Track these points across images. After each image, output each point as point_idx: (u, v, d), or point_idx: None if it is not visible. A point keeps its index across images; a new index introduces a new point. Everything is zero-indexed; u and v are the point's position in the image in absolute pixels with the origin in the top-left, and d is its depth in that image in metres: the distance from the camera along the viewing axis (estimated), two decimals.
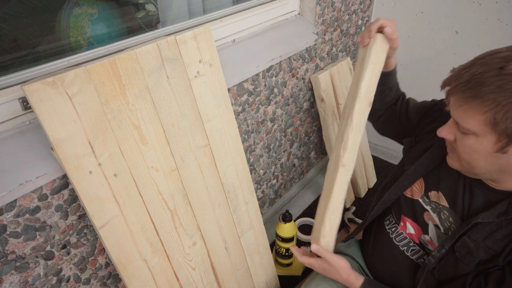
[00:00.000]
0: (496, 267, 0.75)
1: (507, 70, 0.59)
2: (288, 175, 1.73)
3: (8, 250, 0.75)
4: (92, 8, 1.01)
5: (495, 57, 0.62)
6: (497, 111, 0.59)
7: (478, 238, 0.75)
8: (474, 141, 0.66)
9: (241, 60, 1.16)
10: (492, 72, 0.60)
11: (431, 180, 0.86)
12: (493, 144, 0.64)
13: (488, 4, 1.44)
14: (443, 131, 0.72)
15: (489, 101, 0.60)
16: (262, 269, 1.26)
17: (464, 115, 0.64)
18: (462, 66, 0.66)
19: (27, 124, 0.77)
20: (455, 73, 0.66)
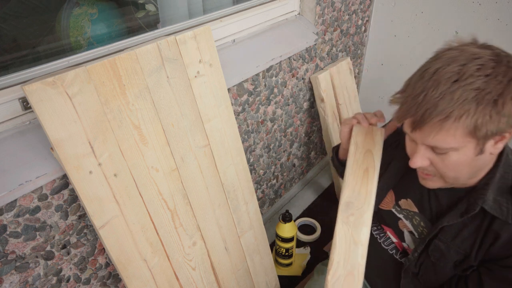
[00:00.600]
0: (472, 267, 0.76)
1: (462, 81, 0.58)
2: (288, 175, 1.73)
3: (8, 250, 0.75)
4: (92, 8, 1.01)
5: (441, 74, 0.60)
6: (475, 120, 0.59)
7: (447, 239, 0.77)
8: (455, 156, 0.65)
9: (241, 60, 1.16)
10: (451, 88, 0.59)
11: (400, 190, 0.89)
12: (474, 149, 0.64)
13: (488, 4, 1.44)
14: (417, 162, 0.69)
15: (464, 115, 0.59)
16: (262, 269, 1.26)
17: (442, 137, 0.63)
18: (412, 94, 0.63)
19: (27, 124, 0.77)
20: (409, 104, 0.63)
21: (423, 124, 0.62)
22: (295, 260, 1.51)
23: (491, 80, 0.58)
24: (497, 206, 0.70)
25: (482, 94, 0.58)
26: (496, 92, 0.58)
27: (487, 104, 0.58)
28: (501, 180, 0.71)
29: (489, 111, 0.58)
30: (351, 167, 0.82)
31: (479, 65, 0.59)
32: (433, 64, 0.63)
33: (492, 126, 0.59)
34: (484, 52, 0.62)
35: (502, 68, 0.59)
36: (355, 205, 0.78)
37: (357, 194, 0.79)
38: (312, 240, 1.62)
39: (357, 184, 0.80)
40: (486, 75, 0.58)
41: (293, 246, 1.43)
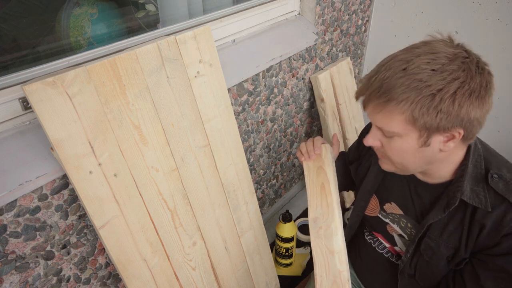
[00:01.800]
0: (465, 260, 0.78)
1: (409, 70, 0.62)
2: (288, 175, 1.73)
3: (8, 250, 0.75)
4: (92, 8, 1.01)
5: (396, 60, 0.65)
6: (413, 108, 0.62)
7: (436, 236, 0.79)
8: (400, 142, 0.69)
9: (241, 60, 1.16)
10: (398, 74, 0.63)
11: (382, 194, 0.91)
12: (417, 140, 0.67)
13: (488, 4, 1.44)
14: (369, 140, 0.74)
15: (403, 101, 0.63)
16: (262, 269, 1.26)
17: (385, 119, 0.67)
18: (369, 75, 0.68)
19: (27, 124, 0.77)
20: (364, 82, 0.68)
21: (369, 102, 0.67)
22: (295, 260, 1.51)
23: (435, 75, 0.61)
24: (474, 196, 0.72)
25: (422, 85, 0.61)
26: (436, 87, 0.61)
27: (425, 96, 0.61)
28: (474, 170, 0.73)
29: (426, 104, 0.62)
30: (309, 187, 0.91)
31: (431, 59, 0.63)
32: (397, 52, 0.68)
33: (429, 119, 0.63)
34: (445, 49, 0.64)
35: (452, 66, 0.62)
36: (321, 219, 0.86)
37: (320, 209, 0.87)
38: None
39: (318, 200, 0.88)
40: (432, 70, 0.62)
41: (293, 246, 1.43)
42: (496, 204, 0.71)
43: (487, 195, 0.71)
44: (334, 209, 0.86)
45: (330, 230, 0.84)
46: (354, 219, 0.99)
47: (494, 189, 0.71)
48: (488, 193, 0.72)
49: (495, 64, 1.70)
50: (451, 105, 0.62)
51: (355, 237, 1.05)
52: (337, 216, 0.85)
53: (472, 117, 0.63)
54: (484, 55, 0.68)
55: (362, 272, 1.03)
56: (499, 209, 0.70)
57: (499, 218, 0.70)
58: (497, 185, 0.71)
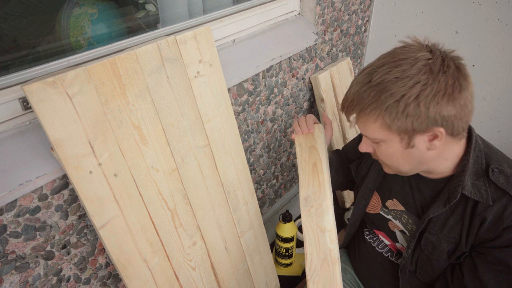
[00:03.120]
0: (464, 254, 0.78)
1: (373, 81, 0.66)
2: (288, 175, 1.73)
3: (8, 250, 0.75)
4: (92, 8, 1.01)
5: (363, 74, 0.69)
6: (383, 116, 0.66)
7: (436, 231, 0.79)
8: (385, 146, 0.72)
9: (241, 60, 1.16)
10: (364, 87, 0.67)
11: (384, 191, 0.92)
12: (400, 143, 0.70)
13: (488, 4, 1.44)
14: (362, 147, 0.78)
15: (372, 111, 0.67)
16: (262, 269, 1.26)
17: (365, 127, 0.71)
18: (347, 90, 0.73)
19: (27, 124, 0.77)
20: (343, 98, 0.74)
21: (348, 114, 0.72)
22: (295, 260, 1.51)
23: (397, 82, 0.64)
24: (476, 190, 0.73)
25: (385, 95, 0.65)
26: (398, 94, 0.64)
27: (390, 104, 0.65)
28: (475, 165, 0.75)
29: (393, 110, 0.65)
30: (301, 165, 0.90)
31: (392, 67, 0.66)
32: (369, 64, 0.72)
33: (401, 123, 0.65)
34: (407, 55, 0.66)
35: (412, 71, 0.64)
36: (312, 198, 0.86)
37: (311, 188, 0.87)
38: None
39: (310, 179, 0.88)
40: (395, 77, 0.64)
41: (293, 246, 1.43)
42: (497, 198, 0.71)
43: (488, 189, 0.72)
44: (326, 188, 0.86)
45: (322, 208, 0.84)
46: (355, 217, 0.99)
47: (495, 183, 0.72)
48: (489, 187, 0.72)
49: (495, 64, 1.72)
50: (417, 108, 0.64)
51: (354, 236, 1.05)
52: (329, 195, 0.85)
53: (446, 115, 0.65)
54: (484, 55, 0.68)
55: (362, 271, 1.03)
56: (500, 203, 0.71)
57: (499, 211, 0.71)
58: (498, 179, 0.72)
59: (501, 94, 1.54)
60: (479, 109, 1.62)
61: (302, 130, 0.97)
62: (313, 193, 0.86)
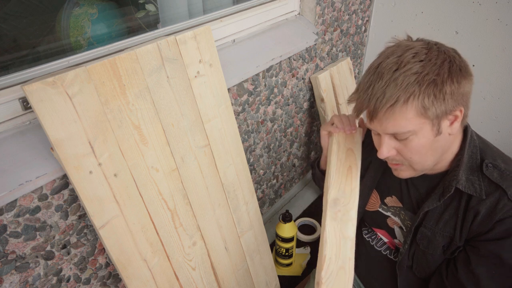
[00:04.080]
0: (459, 249, 0.79)
1: (401, 68, 0.66)
2: (288, 175, 1.73)
3: (8, 250, 0.75)
4: (92, 8, 1.01)
5: (382, 67, 0.68)
6: (421, 99, 0.65)
7: (431, 225, 0.80)
8: (416, 139, 0.70)
9: (241, 60, 1.16)
10: (393, 76, 0.66)
11: (383, 188, 0.92)
12: (431, 131, 0.69)
13: (488, 4, 1.44)
14: (383, 153, 0.73)
15: (411, 97, 0.65)
16: (262, 269, 1.26)
17: (398, 122, 0.68)
18: (362, 89, 0.70)
19: (27, 124, 0.77)
20: (363, 97, 0.70)
21: (377, 112, 0.68)
22: (295, 260, 1.51)
23: (426, 64, 0.65)
24: (470, 184, 0.75)
25: (421, 76, 0.64)
26: (433, 73, 0.64)
27: (428, 84, 0.64)
28: (470, 160, 0.76)
29: (432, 91, 0.64)
30: (335, 165, 0.85)
31: (414, 53, 0.67)
32: (375, 61, 0.71)
33: (439, 104, 0.66)
34: (416, 43, 0.70)
35: (433, 53, 0.67)
36: (342, 202, 0.81)
37: (342, 191, 0.82)
38: (312, 240, 1.62)
39: (342, 181, 0.83)
40: (421, 60, 0.65)
41: (293, 246, 1.43)
42: (490, 192, 0.73)
43: (481, 183, 0.74)
44: (356, 195, 0.82)
45: (349, 215, 0.80)
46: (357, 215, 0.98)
47: (489, 178, 0.73)
48: (482, 181, 0.74)
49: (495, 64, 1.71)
50: (452, 84, 0.65)
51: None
52: (356, 204, 0.81)
53: (467, 91, 0.68)
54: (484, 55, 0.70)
55: (361, 271, 1.03)
56: (493, 197, 0.72)
57: (492, 205, 0.72)
58: (492, 174, 0.73)
59: (501, 94, 1.54)
60: (479, 109, 1.62)
61: (345, 129, 0.90)
62: (343, 197, 0.82)
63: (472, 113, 1.67)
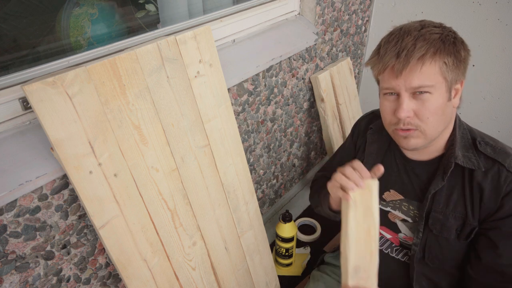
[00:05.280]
0: (474, 230, 0.80)
1: (425, 28, 0.72)
2: (288, 175, 1.73)
3: (8, 250, 0.75)
4: (92, 8, 1.01)
5: (406, 27, 0.74)
6: (444, 57, 0.70)
7: (442, 208, 0.82)
8: (432, 99, 0.73)
9: (241, 60, 1.16)
10: (421, 32, 0.71)
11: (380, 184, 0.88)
12: (445, 93, 0.73)
13: (488, 4, 1.44)
14: (405, 110, 0.74)
15: (438, 51, 0.70)
16: (262, 269, 1.26)
17: (424, 74, 0.71)
18: (388, 45, 0.73)
19: (27, 124, 0.77)
20: (390, 53, 0.72)
21: (407, 64, 0.70)
22: (295, 260, 1.51)
23: (444, 29, 0.73)
24: (467, 160, 0.78)
25: (444, 35, 0.71)
26: (451, 37, 0.72)
27: (449, 43, 0.71)
28: (462, 140, 0.81)
29: (452, 51, 0.71)
30: (353, 229, 0.78)
31: (431, 22, 0.74)
32: (395, 28, 0.76)
33: (454, 67, 0.72)
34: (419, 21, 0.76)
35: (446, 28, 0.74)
36: (362, 269, 0.79)
37: (363, 257, 0.78)
38: (312, 240, 1.62)
39: (362, 247, 0.78)
40: (438, 27, 0.73)
41: (293, 246, 1.43)
42: (489, 167, 0.77)
43: (478, 159, 0.78)
44: (376, 257, 0.79)
45: (371, 280, 0.79)
46: None
47: (484, 153, 0.78)
48: (479, 157, 0.78)
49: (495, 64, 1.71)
50: (464, 51, 0.73)
51: None
52: (377, 264, 0.79)
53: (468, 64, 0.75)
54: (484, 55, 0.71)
55: None
56: (493, 171, 0.76)
57: (495, 180, 0.76)
58: (486, 150, 0.78)
59: (501, 94, 1.54)
60: (479, 109, 1.62)
61: (357, 184, 0.77)
62: (363, 263, 0.79)
63: (472, 113, 1.67)
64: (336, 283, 1.04)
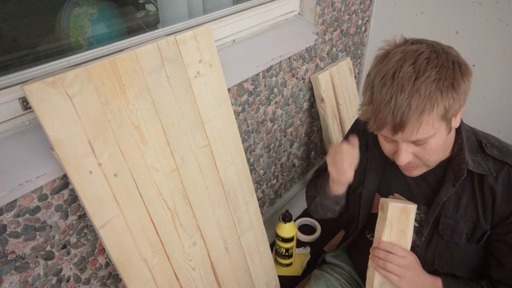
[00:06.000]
0: (486, 234, 0.79)
1: (420, 77, 0.64)
2: (288, 175, 1.73)
3: (8, 250, 0.75)
4: (92, 8, 1.01)
5: (400, 77, 0.65)
6: (444, 104, 0.65)
7: (451, 213, 0.81)
8: (434, 141, 0.70)
9: (241, 60, 1.16)
10: (415, 86, 0.64)
11: (384, 189, 0.92)
12: (445, 130, 0.71)
13: (488, 4, 1.44)
14: (404, 159, 0.72)
15: (435, 105, 0.65)
16: (262, 269, 1.26)
17: (424, 131, 0.67)
18: (381, 101, 0.67)
19: (27, 124, 0.77)
20: (384, 112, 0.66)
21: (404, 125, 0.66)
22: (295, 260, 1.51)
23: (441, 68, 0.65)
24: (477, 165, 0.77)
25: (440, 82, 0.64)
26: (449, 78, 0.65)
27: (447, 90, 0.65)
28: (468, 143, 0.79)
29: (451, 95, 0.65)
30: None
31: (426, 59, 0.66)
32: (386, 70, 0.67)
33: (456, 105, 0.67)
34: (421, 47, 0.69)
35: (442, 56, 0.67)
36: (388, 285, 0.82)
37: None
38: (312, 240, 1.62)
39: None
40: (435, 66, 0.65)
41: (293, 246, 1.43)
42: (499, 169, 0.76)
43: (487, 162, 0.76)
44: None
45: None
46: (363, 219, 0.97)
47: (492, 156, 0.76)
48: (487, 160, 0.77)
49: (495, 64, 1.71)
50: (464, 84, 0.67)
51: (357, 238, 1.05)
52: None
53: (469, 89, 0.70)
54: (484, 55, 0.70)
55: (365, 272, 1.02)
56: (503, 173, 0.75)
57: (505, 181, 0.75)
58: (493, 152, 0.77)
59: (501, 94, 1.54)
60: (479, 109, 1.62)
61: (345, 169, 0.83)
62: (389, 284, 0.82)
63: (472, 113, 1.67)
64: (336, 282, 1.04)
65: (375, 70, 0.70)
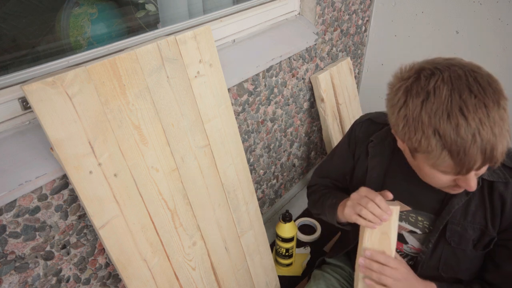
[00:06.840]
0: (493, 240, 0.78)
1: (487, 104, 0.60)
2: (288, 175, 1.73)
3: (8, 250, 0.75)
4: (92, 8, 1.01)
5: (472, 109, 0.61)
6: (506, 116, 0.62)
7: (460, 220, 0.79)
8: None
9: (241, 60, 1.15)
10: (490, 115, 0.60)
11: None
12: None
13: (489, 4, 1.44)
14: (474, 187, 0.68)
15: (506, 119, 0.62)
16: (262, 269, 1.26)
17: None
18: (464, 143, 0.61)
19: (27, 124, 0.77)
20: (472, 152, 0.61)
21: (496, 156, 0.62)
22: (295, 260, 1.51)
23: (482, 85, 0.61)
24: (491, 172, 0.75)
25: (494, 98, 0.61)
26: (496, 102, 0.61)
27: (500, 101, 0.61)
28: None
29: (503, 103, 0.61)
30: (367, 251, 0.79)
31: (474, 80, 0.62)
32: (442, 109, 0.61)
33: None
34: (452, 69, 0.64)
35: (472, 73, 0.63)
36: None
37: None
38: (312, 240, 1.62)
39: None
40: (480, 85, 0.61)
41: (293, 246, 1.43)
42: (510, 176, 0.74)
43: (500, 169, 0.75)
44: None
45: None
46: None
47: (503, 163, 0.73)
48: (502, 167, 0.75)
49: (495, 64, 1.71)
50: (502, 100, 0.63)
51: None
52: None
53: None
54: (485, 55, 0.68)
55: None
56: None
57: None
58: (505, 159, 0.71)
59: None
60: None
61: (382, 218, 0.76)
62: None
63: None
64: (337, 282, 1.04)
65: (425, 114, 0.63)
